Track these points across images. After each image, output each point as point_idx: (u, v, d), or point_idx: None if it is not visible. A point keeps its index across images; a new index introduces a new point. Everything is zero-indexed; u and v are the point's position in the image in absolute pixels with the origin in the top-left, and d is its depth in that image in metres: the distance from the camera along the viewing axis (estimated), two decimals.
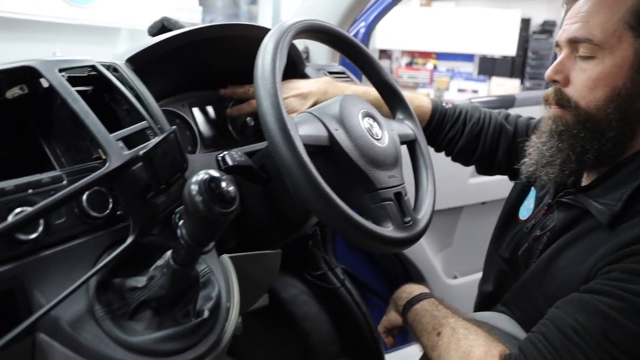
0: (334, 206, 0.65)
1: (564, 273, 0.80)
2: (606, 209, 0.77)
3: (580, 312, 0.69)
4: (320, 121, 0.74)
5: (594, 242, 0.77)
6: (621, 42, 0.74)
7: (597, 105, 0.77)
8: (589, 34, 0.75)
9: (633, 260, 0.69)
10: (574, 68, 0.79)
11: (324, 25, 0.83)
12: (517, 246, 0.96)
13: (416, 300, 0.90)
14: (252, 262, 0.91)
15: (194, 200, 0.50)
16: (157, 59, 0.88)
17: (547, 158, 0.83)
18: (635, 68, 0.74)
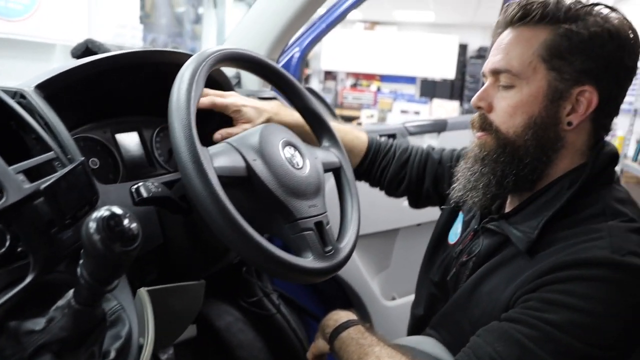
0: (249, 239, 0.64)
1: (487, 299, 0.82)
2: (524, 236, 0.80)
3: (499, 342, 0.71)
4: (238, 152, 0.73)
5: (515, 270, 0.79)
6: (536, 73, 0.79)
7: (516, 131, 0.81)
8: (508, 64, 0.80)
9: (549, 289, 0.71)
10: (496, 96, 0.83)
11: (244, 53, 0.83)
12: (446, 270, 0.99)
13: (343, 328, 0.90)
14: (174, 294, 0.88)
15: (91, 239, 0.48)
16: (73, 85, 0.85)
17: (472, 183, 0.87)
18: (549, 98, 0.79)
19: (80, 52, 1.10)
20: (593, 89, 0.78)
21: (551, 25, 0.79)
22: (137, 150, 1.01)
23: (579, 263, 0.71)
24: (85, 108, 0.93)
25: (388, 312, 1.87)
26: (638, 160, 3.45)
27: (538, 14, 0.79)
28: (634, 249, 0.71)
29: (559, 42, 0.78)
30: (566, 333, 0.68)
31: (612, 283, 0.68)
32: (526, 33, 0.80)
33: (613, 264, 0.69)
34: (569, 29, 0.77)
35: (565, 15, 0.78)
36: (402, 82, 8.24)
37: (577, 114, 0.80)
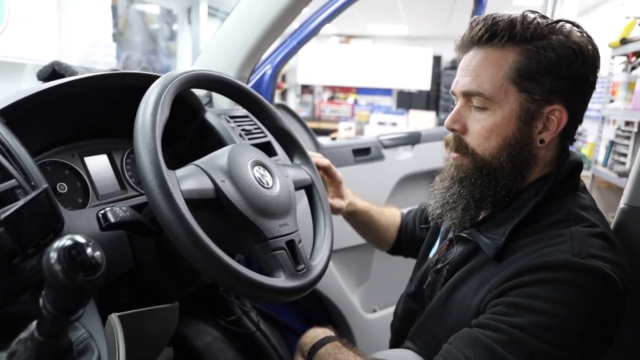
0: (217, 261, 0.64)
1: (460, 306, 0.84)
2: (492, 243, 0.82)
3: (469, 347, 0.73)
4: (207, 174, 0.73)
5: (485, 276, 0.82)
6: (508, 95, 0.80)
7: (492, 153, 0.82)
8: (479, 87, 0.81)
9: (514, 293, 0.74)
10: (469, 117, 0.84)
11: (210, 75, 0.83)
12: (422, 280, 1.00)
13: (320, 345, 0.90)
14: (147, 318, 0.87)
15: (52, 269, 0.47)
16: (37, 109, 0.83)
17: (451, 204, 0.88)
18: (521, 119, 0.81)
19: (46, 75, 1.09)
20: (562, 107, 0.81)
21: (518, 46, 0.80)
22: (107, 173, 1.00)
23: (542, 267, 0.73)
24: (51, 132, 0.92)
25: (369, 324, 1.87)
26: (608, 165, 3.53)
27: (506, 36, 0.80)
28: (594, 251, 0.73)
29: (528, 64, 0.79)
30: (531, 335, 0.69)
31: (574, 285, 0.70)
32: (494, 55, 0.81)
33: (574, 266, 0.71)
34: (536, 50, 0.78)
35: (531, 35, 0.79)
36: (379, 94, 8.33)
37: (549, 132, 0.82)
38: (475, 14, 2.09)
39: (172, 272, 0.86)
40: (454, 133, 0.87)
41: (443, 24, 6.90)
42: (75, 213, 0.79)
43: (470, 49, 0.84)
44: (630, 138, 3.26)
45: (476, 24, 0.83)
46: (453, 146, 0.86)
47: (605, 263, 0.72)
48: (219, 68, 1.30)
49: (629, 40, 3.12)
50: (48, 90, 0.83)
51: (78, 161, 0.96)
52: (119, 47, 4.38)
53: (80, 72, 1.06)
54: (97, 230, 0.74)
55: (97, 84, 0.92)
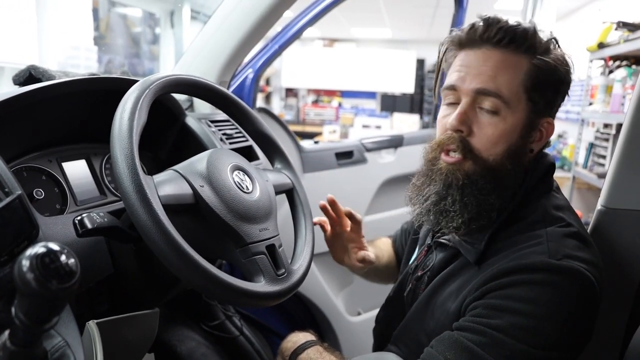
0: (196, 266, 0.63)
1: (441, 309, 0.84)
2: (472, 248, 0.83)
3: (449, 350, 0.74)
4: (185, 179, 0.73)
5: (465, 279, 0.83)
6: (519, 103, 0.80)
7: (496, 159, 0.81)
8: (497, 89, 0.78)
9: (493, 295, 0.75)
10: (476, 119, 0.81)
11: (189, 79, 0.82)
12: (402, 286, 1.00)
13: (301, 349, 0.91)
14: (126, 325, 0.86)
15: (24, 278, 0.46)
16: (12, 115, 0.82)
17: (450, 212, 0.83)
18: (525, 128, 0.82)
19: (23, 79, 1.07)
20: (551, 119, 0.84)
21: (530, 56, 0.80)
22: (85, 179, 0.98)
23: (519, 269, 0.74)
24: (28, 137, 0.90)
25: (354, 327, 1.87)
26: (588, 167, 3.59)
27: (524, 44, 0.79)
28: (570, 252, 0.75)
29: (537, 75, 0.80)
30: (510, 336, 0.71)
31: (551, 286, 0.72)
32: (512, 59, 0.80)
33: (550, 267, 0.72)
34: (545, 61, 0.79)
35: (543, 48, 0.81)
36: (363, 97, 8.37)
37: (538, 143, 0.85)
38: (456, 18, 2.11)
39: (152, 278, 0.85)
40: (458, 134, 0.82)
41: (426, 27, 6.96)
42: (52, 219, 0.78)
43: (480, 47, 0.81)
44: (609, 140, 3.32)
45: (491, 23, 0.81)
46: (458, 148, 0.81)
47: (580, 263, 0.73)
48: (200, 72, 1.29)
49: (606, 45, 3.18)
50: (23, 94, 0.82)
51: (55, 166, 0.94)
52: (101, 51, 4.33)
53: (58, 76, 1.04)
54: (75, 236, 0.73)
55: (74, 89, 0.91)
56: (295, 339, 0.94)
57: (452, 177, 0.82)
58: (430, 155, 0.86)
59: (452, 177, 0.82)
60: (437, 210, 0.84)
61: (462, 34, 0.84)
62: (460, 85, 0.82)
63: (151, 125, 0.74)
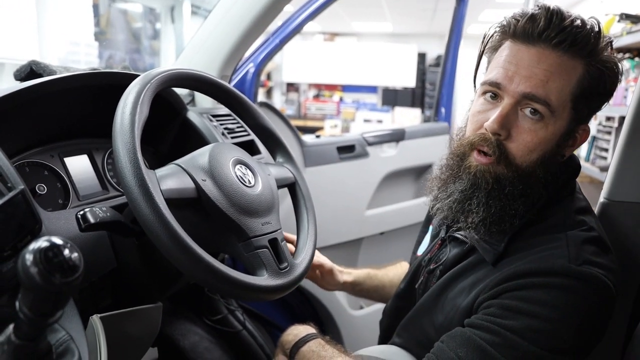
0: (198, 260, 0.64)
1: (451, 303, 0.83)
2: (491, 248, 0.81)
3: (461, 347, 0.73)
4: (187, 173, 0.73)
5: (479, 276, 0.81)
6: (564, 111, 0.76)
7: (530, 166, 0.77)
8: (547, 96, 0.73)
9: (509, 296, 0.74)
10: (516, 123, 0.76)
11: (190, 73, 0.82)
12: (413, 279, 1.00)
13: (303, 342, 0.90)
14: (129, 319, 0.86)
15: (28, 272, 0.46)
16: (14, 110, 0.82)
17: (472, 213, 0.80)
18: (563, 137, 0.78)
19: (24, 74, 1.07)
20: (587, 126, 0.80)
21: (584, 60, 0.74)
22: (88, 174, 0.99)
23: (538, 272, 0.72)
24: (29, 132, 0.90)
25: (356, 321, 1.88)
26: (590, 160, 3.59)
27: (585, 48, 0.73)
28: (590, 258, 0.73)
29: (589, 82, 0.75)
30: (524, 338, 0.70)
31: (568, 291, 0.71)
32: (568, 64, 0.74)
33: (570, 273, 0.71)
34: (599, 69, 0.74)
35: (594, 49, 0.74)
36: (364, 91, 8.34)
37: (571, 148, 0.81)
38: (458, 11, 2.10)
39: (155, 272, 0.86)
40: (495, 137, 0.77)
41: (427, 21, 6.93)
42: (55, 214, 0.78)
43: (535, 45, 0.74)
44: (611, 133, 3.31)
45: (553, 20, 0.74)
46: (491, 151, 0.77)
47: (600, 269, 0.72)
48: (201, 67, 1.29)
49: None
50: (25, 90, 0.82)
51: (58, 162, 0.94)
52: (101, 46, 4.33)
53: (59, 71, 1.04)
54: (78, 231, 0.73)
55: (76, 84, 0.91)
56: (296, 332, 0.93)
57: (482, 179, 0.78)
58: (459, 151, 0.82)
59: (481, 179, 0.78)
60: (459, 209, 0.81)
61: (517, 23, 0.76)
62: (506, 84, 0.76)
63: (152, 120, 0.74)
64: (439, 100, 2.21)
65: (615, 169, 0.91)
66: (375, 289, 1.21)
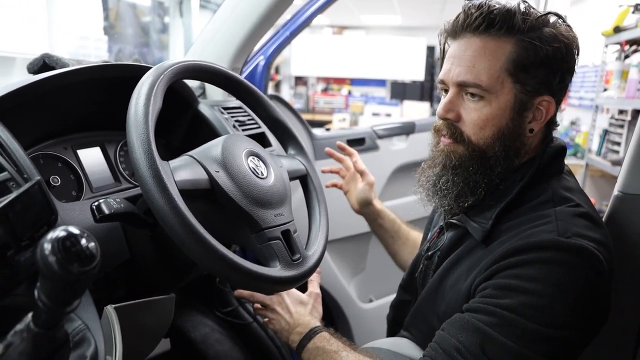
0: (213, 251, 0.64)
1: (451, 292, 0.85)
2: (479, 227, 0.84)
3: (461, 332, 0.74)
4: (200, 164, 0.73)
5: (474, 260, 0.83)
6: (504, 87, 0.80)
7: (486, 142, 0.83)
8: (476, 78, 0.80)
9: (502, 275, 0.75)
10: (463, 106, 0.84)
11: (203, 65, 0.82)
12: (414, 269, 1.01)
13: (307, 339, 0.90)
14: (143, 310, 0.87)
15: (47, 261, 0.46)
16: (28, 102, 0.83)
17: (444, 191, 0.88)
18: (515, 110, 0.81)
19: (37, 67, 1.07)
20: (550, 97, 0.82)
21: (514, 37, 0.79)
22: (100, 166, 0.99)
23: (528, 247, 0.74)
24: (43, 124, 0.91)
25: (366, 314, 1.88)
26: (602, 154, 3.55)
27: (504, 26, 0.79)
28: (579, 230, 0.74)
29: (524, 56, 0.79)
30: (521, 315, 0.71)
31: (560, 264, 0.72)
32: (491, 44, 0.80)
33: (559, 245, 0.72)
34: (532, 42, 0.79)
35: (528, 26, 0.79)
36: (373, 85, 8.31)
37: (538, 122, 0.83)
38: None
39: (167, 264, 0.86)
40: (447, 121, 0.86)
41: (436, 14, 6.87)
42: (69, 205, 0.78)
43: (463, 36, 0.83)
44: (624, 126, 3.27)
45: (471, 11, 0.82)
46: (447, 132, 0.86)
47: (590, 242, 0.73)
48: (212, 59, 1.28)
49: (622, 29, 3.12)
50: (39, 82, 0.82)
51: (71, 154, 0.95)
52: (111, 40, 4.34)
53: (72, 64, 1.04)
54: (92, 222, 0.74)
55: (88, 76, 0.91)
56: (300, 329, 0.92)
57: (447, 158, 0.86)
58: (433, 140, 0.92)
59: (447, 158, 0.86)
60: (434, 190, 0.89)
61: (448, 24, 0.85)
62: (446, 78, 0.85)
63: (164, 112, 0.74)
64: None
65: (631, 161, 0.90)
66: (390, 234, 1.25)
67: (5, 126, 0.74)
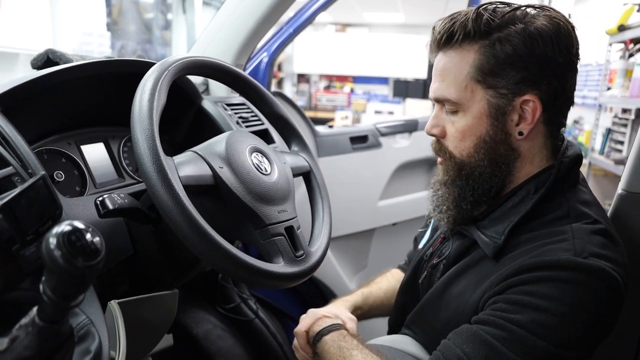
0: (217, 247, 0.64)
1: (457, 301, 0.83)
2: (491, 241, 0.81)
3: (467, 343, 0.73)
4: (205, 160, 0.73)
5: (483, 272, 0.81)
6: (474, 95, 0.79)
7: (468, 153, 0.82)
8: (446, 93, 0.81)
9: (515, 290, 0.73)
10: (446, 120, 0.84)
11: (207, 61, 0.82)
12: (416, 273, 1.00)
13: (326, 331, 0.92)
14: (146, 305, 0.87)
15: (52, 255, 0.47)
16: (33, 97, 0.83)
17: (440, 207, 0.89)
18: (492, 116, 0.79)
19: (40, 63, 1.07)
20: (534, 96, 0.78)
21: (475, 43, 0.78)
22: (104, 161, 1.00)
23: (543, 265, 0.72)
24: (47, 120, 0.91)
25: None
26: (604, 153, 3.54)
27: (461, 35, 0.78)
28: (596, 250, 0.72)
29: (487, 60, 0.77)
30: (531, 333, 0.69)
31: (575, 284, 0.70)
32: (454, 57, 0.80)
33: (576, 266, 0.70)
34: (491, 45, 0.76)
35: (485, 30, 0.77)
36: (375, 82, 8.30)
37: (526, 123, 0.79)
38: (472, 1, 2.08)
39: (171, 259, 0.87)
40: (435, 137, 0.87)
41: (440, 12, 6.86)
42: (73, 200, 0.79)
43: (435, 53, 0.83)
44: (627, 125, 3.26)
45: (436, 27, 0.82)
46: (435, 150, 0.87)
47: (607, 262, 0.71)
48: (215, 56, 1.28)
49: (627, 27, 3.11)
50: (42, 77, 0.83)
51: (75, 149, 0.95)
52: (114, 37, 4.34)
53: (75, 59, 1.05)
54: (96, 217, 0.74)
55: (92, 72, 0.91)
56: (321, 322, 0.94)
57: (439, 177, 0.89)
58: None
59: (439, 177, 0.89)
60: (435, 206, 0.90)
61: (428, 44, 0.86)
62: (429, 94, 0.86)
63: (168, 109, 0.74)
64: None
65: (635, 160, 0.90)
66: (375, 307, 1.17)
67: (10, 121, 0.74)
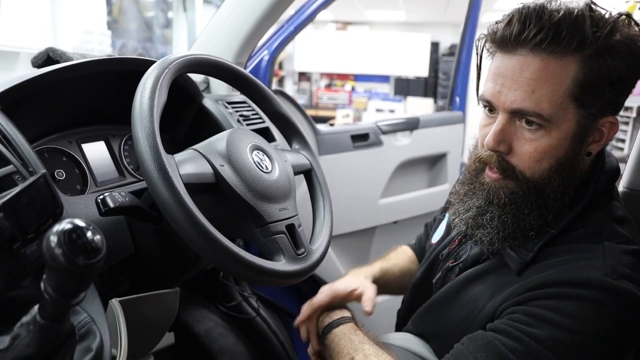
0: (218, 245, 0.64)
1: (471, 305, 0.81)
2: (518, 257, 0.77)
3: (481, 351, 0.71)
4: (205, 158, 0.73)
5: (502, 280, 0.78)
6: (566, 113, 0.70)
7: (542, 175, 0.73)
8: (537, 107, 0.69)
9: (536, 304, 0.70)
10: (516, 135, 0.73)
11: (208, 59, 0.82)
12: (429, 272, 0.99)
13: (336, 324, 0.93)
14: (148, 303, 0.87)
15: (53, 253, 0.47)
16: (34, 96, 0.83)
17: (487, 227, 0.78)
18: (577, 137, 0.72)
19: (41, 62, 1.07)
20: (615, 118, 0.73)
21: (580, 53, 0.68)
22: (105, 160, 0.99)
23: (571, 282, 0.69)
24: (48, 118, 0.91)
25: None
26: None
27: (573, 42, 0.67)
28: (628, 272, 0.69)
29: (590, 76, 0.68)
30: (549, 349, 0.67)
31: (602, 305, 0.67)
32: (554, 66, 0.68)
33: (606, 287, 0.67)
34: (599, 59, 0.68)
35: (598, 37, 0.67)
36: (376, 81, 8.29)
37: (597, 144, 0.75)
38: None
39: (172, 258, 0.87)
40: (497, 153, 0.75)
41: (441, 10, 6.84)
42: (74, 199, 0.79)
43: (517, 52, 0.70)
44: (629, 124, 3.26)
45: (529, 20, 0.68)
46: (497, 168, 0.76)
47: (637, 285, 0.69)
48: (216, 53, 1.27)
49: None
50: (43, 75, 0.82)
51: (75, 148, 0.95)
52: (114, 35, 4.35)
53: (76, 58, 1.05)
54: (97, 215, 0.74)
55: (93, 70, 0.91)
56: (332, 314, 0.95)
57: (495, 195, 0.77)
58: (473, 167, 0.81)
59: (494, 195, 0.77)
60: (475, 224, 0.80)
61: (497, 29, 0.72)
62: (495, 101, 0.73)
63: (169, 107, 0.74)
64: (453, 89, 2.19)
65: (636, 157, 0.90)
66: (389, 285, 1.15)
67: (11, 119, 0.74)
